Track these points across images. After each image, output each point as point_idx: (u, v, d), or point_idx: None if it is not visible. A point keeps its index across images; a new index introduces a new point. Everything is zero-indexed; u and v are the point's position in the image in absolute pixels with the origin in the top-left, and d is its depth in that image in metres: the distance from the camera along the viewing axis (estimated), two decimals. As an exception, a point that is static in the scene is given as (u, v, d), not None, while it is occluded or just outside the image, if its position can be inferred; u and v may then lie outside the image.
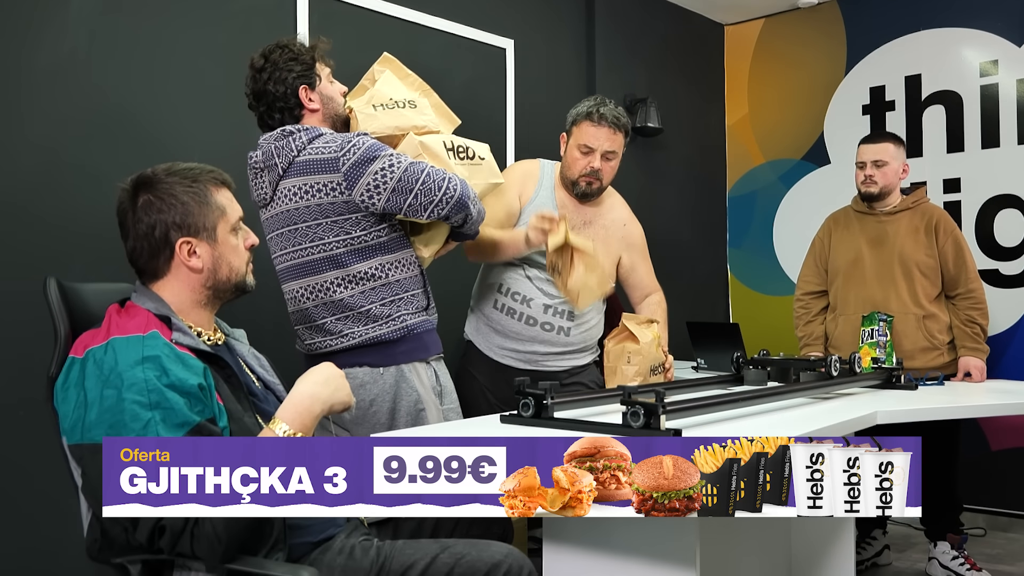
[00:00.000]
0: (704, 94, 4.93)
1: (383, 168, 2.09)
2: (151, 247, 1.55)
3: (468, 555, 1.53)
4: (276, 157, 2.15)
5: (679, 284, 4.63)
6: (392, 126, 2.26)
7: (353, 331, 2.17)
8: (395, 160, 2.11)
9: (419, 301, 2.24)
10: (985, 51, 4.11)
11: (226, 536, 1.35)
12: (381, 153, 2.11)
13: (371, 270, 2.17)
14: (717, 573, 2.02)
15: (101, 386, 1.39)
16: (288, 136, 2.15)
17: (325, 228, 2.13)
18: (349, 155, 2.09)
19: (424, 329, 2.23)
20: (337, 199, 2.11)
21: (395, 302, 2.18)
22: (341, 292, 2.16)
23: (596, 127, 2.69)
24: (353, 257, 2.15)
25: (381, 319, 2.17)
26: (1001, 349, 3.93)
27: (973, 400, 2.61)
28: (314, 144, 2.13)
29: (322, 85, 2.23)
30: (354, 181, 2.09)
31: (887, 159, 3.26)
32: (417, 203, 2.11)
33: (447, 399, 2.25)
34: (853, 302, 3.31)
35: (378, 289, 2.17)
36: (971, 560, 3.22)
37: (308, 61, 2.21)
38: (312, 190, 2.12)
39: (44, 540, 2.27)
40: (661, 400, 1.70)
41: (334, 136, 2.15)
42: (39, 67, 2.33)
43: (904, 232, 3.26)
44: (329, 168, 2.10)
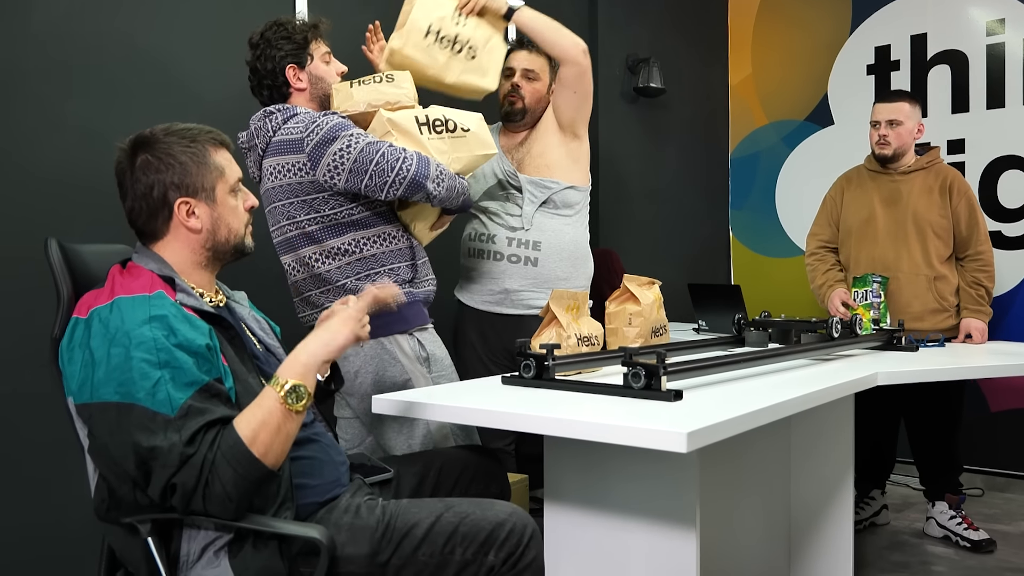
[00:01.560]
0: (707, 54, 4.88)
1: (341, 149, 2.12)
2: (149, 207, 1.54)
3: (472, 514, 1.55)
4: (257, 137, 2.22)
5: (680, 245, 4.63)
6: (364, 102, 2.25)
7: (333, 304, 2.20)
8: (353, 140, 2.12)
9: (401, 274, 2.26)
10: (992, 9, 4.06)
11: (236, 494, 1.37)
12: (341, 133, 2.13)
13: (345, 245, 2.20)
14: (716, 532, 2.04)
15: (108, 345, 1.39)
16: (268, 116, 2.20)
17: (297, 207, 2.18)
18: (312, 136, 2.13)
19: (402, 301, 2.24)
20: (304, 179, 2.16)
21: (370, 276, 2.21)
22: (319, 267, 2.21)
23: (516, 52, 2.86)
24: (327, 233, 2.20)
25: (356, 292, 2.19)
26: (1003, 311, 3.94)
27: (973, 361, 2.61)
28: (287, 124, 2.17)
29: (313, 65, 2.26)
30: (317, 161, 2.13)
31: (902, 119, 3.23)
32: (373, 184, 2.13)
33: (436, 366, 2.27)
34: (865, 262, 3.30)
35: (353, 264, 2.21)
36: (969, 520, 3.25)
37: (300, 40, 2.24)
38: (283, 170, 2.17)
39: (51, 501, 2.28)
40: (662, 361, 1.71)
41: (304, 116, 2.18)
42: (36, 24, 2.30)
43: (918, 192, 3.24)
44: (296, 149, 2.15)
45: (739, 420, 1.55)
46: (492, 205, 2.80)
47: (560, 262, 2.77)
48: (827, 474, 2.44)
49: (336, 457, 1.69)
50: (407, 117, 2.25)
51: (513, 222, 2.76)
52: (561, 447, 1.84)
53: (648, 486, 1.73)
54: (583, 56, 2.68)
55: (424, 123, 2.27)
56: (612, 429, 1.47)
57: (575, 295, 2.17)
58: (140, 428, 1.35)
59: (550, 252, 2.76)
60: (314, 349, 1.50)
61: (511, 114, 2.83)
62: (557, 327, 2.11)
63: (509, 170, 2.79)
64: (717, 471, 2.05)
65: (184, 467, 1.34)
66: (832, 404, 2.31)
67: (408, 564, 1.51)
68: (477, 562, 1.51)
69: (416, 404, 1.76)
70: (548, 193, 2.76)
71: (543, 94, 2.84)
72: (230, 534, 1.45)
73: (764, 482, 2.35)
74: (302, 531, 1.45)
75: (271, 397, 1.41)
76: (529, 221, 2.75)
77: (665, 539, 1.70)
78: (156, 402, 1.35)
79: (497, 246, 2.76)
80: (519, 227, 2.75)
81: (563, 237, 2.79)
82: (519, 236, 2.75)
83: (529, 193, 2.76)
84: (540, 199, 2.76)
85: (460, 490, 1.91)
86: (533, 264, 2.75)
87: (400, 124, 2.24)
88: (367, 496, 1.68)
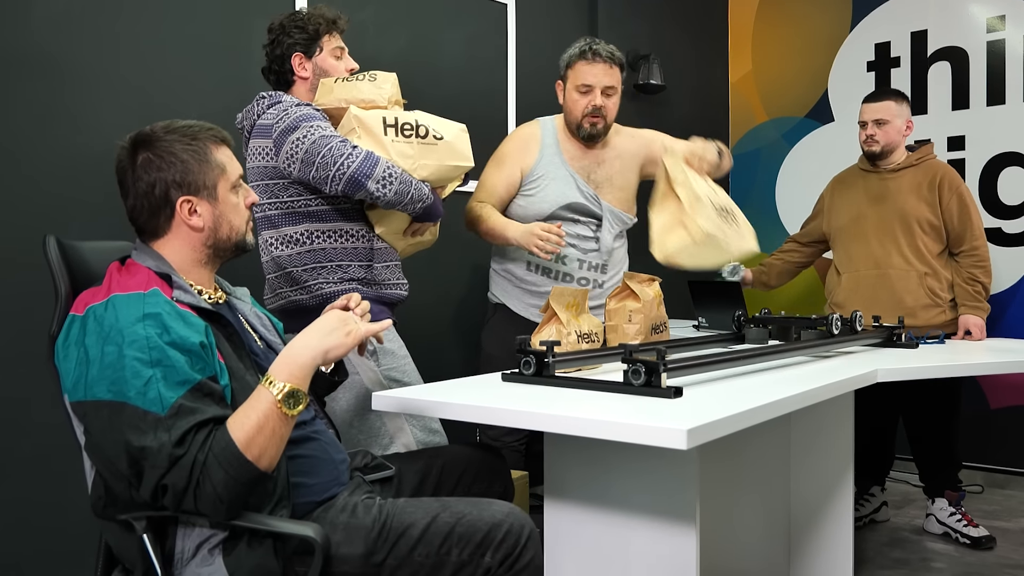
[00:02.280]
0: (707, 51, 4.88)
1: (299, 138, 2.13)
2: (151, 206, 1.54)
3: (469, 514, 1.54)
4: (245, 119, 2.27)
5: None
6: (340, 98, 2.25)
7: (283, 291, 2.27)
8: (310, 131, 2.13)
9: (350, 272, 2.25)
10: (992, 6, 4.05)
11: (227, 496, 1.36)
12: (303, 124, 2.14)
13: (297, 234, 2.22)
14: (716, 529, 2.04)
15: (102, 343, 1.39)
16: (258, 101, 2.25)
17: (261, 189, 2.22)
18: (280, 123, 2.16)
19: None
20: (269, 164, 2.20)
21: (316, 269, 2.23)
22: (275, 251, 2.25)
23: (591, 64, 2.68)
24: (284, 220, 2.23)
25: (300, 284, 2.24)
26: (1002, 308, 3.93)
27: (973, 358, 2.61)
28: (269, 110, 2.21)
29: (321, 56, 2.29)
30: (279, 148, 2.16)
31: (888, 117, 3.24)
32: (318, 176, 2.13)
33: (387, 359, 2.24)
34: (855, 259, 3.32)
35: (303, 254, 2.23)
36: (968, 516, 3.24)
37: (312, 31, 2.27)
38: (258, 153, 2.21)
39: (49, 498, 2.28)
40: (662, 358, 1.70)
41: (281, 103, 2.20)
42: (36, 20, 2.30)
43: (906, 189, 3.25)
44: (266, 134, 2.19)
45: (739, 417, 1.55)
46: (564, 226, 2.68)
47: (617, 278, 2.79)
48: (827, 471, 2.44)
49: (336, 455, 1.69)
50: (374, 117, 2.22)
51: (585, 244, 2.75)
52: (561, 444, 1.84)
53: (648, 483, 1.72)
54: None
55: (391, 125, 2.22)
56: (612, 426, 1.47)
57: (575, 292, 2.17)
58: (131, 427, 1.34)
59: (612, 273, 2.82)
60: (314, 354, 1.47)
61: (594, 136, 2.75)
62: (557, 324, 2.11)
63: (591, 194, 2.75)
64: (717, 468, 2.05)
65: (174, 468, 1.34)
66: (832, 401, 2.31)
67: (404, 564, 1.50)
68: (474, 563, 1.51)
69: (416, 401, 1.76)
70: (625, 227, 2.80)
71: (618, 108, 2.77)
72: (224, 532, 1.44)
73: (764, 479, 2.35)
74: (296, 529, 1.44)
75: (267, 400, 1.40)
76: (607, 252, 2.76)
77: (665, 535, 1.69)
78: (147, 401, 1.35)
79: (567, 268, 2.75)
80: (592, 250, 2.76)
81: (622, 257, 2.86)
82: (591, 259, 2.76)
83: (609, 223, 2.76)
84: (617, 231, 2.79)
85: (463, 488, 1.91)
86: (599, 286, 2.78)
87: (365, 122, 2.21)
88: (366, 495, 1.67)
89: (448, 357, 3.42)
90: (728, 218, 2.43)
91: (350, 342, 1.52)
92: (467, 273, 3.50)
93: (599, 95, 2.69)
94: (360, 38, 2.62)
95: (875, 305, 3.19)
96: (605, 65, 2.68)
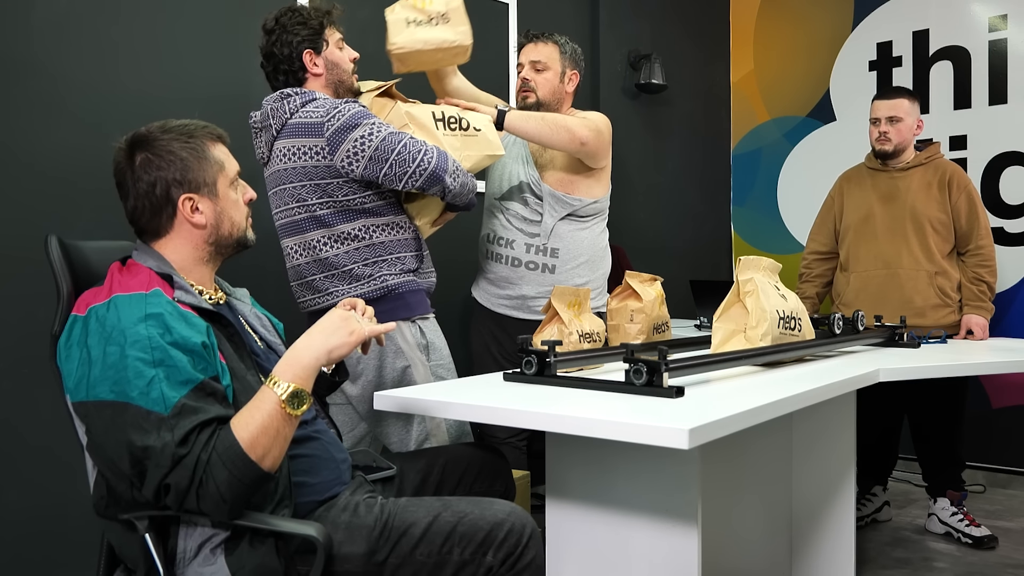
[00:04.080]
0: (709, 50, 4.87)
1: (363, 136, 2.13)
2: (152, 205, 1.54)
3: (470, 513, 1.54)
4: (272, 118, 2.22)
5: (682, 242, 4.62)
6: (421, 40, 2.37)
7: (338, 289, 2.23)
8: (375, 129, 2.15)
9: (407, 263, 2.28)
10: (994, 5, 4.05)
11: (230, 495, 1.36)
12: (364, 121, 2.15)
13: (355, 231, 2.22)
14: (718, 528, 2.04)
15: (104, 343, 1.39)
16: (285, 99, 2.20)
17: (309, 190, 2.19)
18: (333, 121, 2.14)
19: (407, 289, 2.27)
20: (320, 163, 2.16)
21: (377, 263, 2.23)
22: (327, 251, 2.22)
23: (526, 46, 2.82)
24: (337, 218, 2.21)
25: (363, 279, 2.23)
26: (1005, 307, 3.93)
27: (975, 358, 2.60)
28: (306, 108, 2.18)
29: (328, 50, 2.27)
30: (336, 147, 2.14)
31: (901, 115, 3.23)
32: (392, 173, 2.15)
33: (435, 355, 2.30)
34: (864, 258, 3.30)
35: (361, 250, 2.23)
36: (970, 516, 3.24)
37: (316, 26, 2.25)
38: (299, 152, 2.17)
39: (51, 498, 2.29)
40: (664, 358, 1.70)
41: (324, 101, 2.19)
42: (37, 20, 2.30)
43: (916, 188, 3.24)
44: (315, 132, 2.15)
45: (741, 417, 1.55)
46: (513, 207, 2.77)
47: (577, 268, 2.76)
48: (829, 470, 2.44)
49: (337, 455, 1.69)
50: (424, 112, 2.31)
51: (532, 228, 2.75)
52: (563, 443, 1.84)
53: (650, 482, 1.72)
54: (584, 146, 2.65)
55: (440, 119, 2.33)
56: (614, 425, 1.47)
57: (577, 291, 2.17)
58: (134, 427, 1.34)
59: (567, 258, 2.76)
60: (318, 355, 1.47)
61: (526, 108, 2.77)
62: (559, 323, 2.11)
63: (534, 177, 2.76)
64: (719, 467, 2.05)
65: (177, 467, 1.34)
66: (834, 401, 2.31)
67: (405, 564, 1.50)
68: (475, 562, 1.51)
69: (418, 401, 1.76)
70: (569, 209, 2.76)
71: (556, 84, 2.79)
72: (227, 531, 1.44)
73: (765, 478, 2.35)
74: (298, 529, 1.44)
75: (271, 401, 1.40)
76: (548, 235, 2.74)
77: (666, 535, 1.69)
78: (150, 401, 1.35)
79: (515, 252, 2.75)
80: (537, 234, 2.74)
81: (581, 243, 2.78)
82: (537, 243, 2.74)
83: (550, 206, 2.74)
84: (561, 213, 2.75)
85: (464, 487, 1.91)
86: (551, 271, 2.75)
87: (417, 118, 2.28)
88: (367, 494, 1.67)
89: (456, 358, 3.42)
90: None
91: (353, 341, 1.52)
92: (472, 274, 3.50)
93: (527, 69, 2.78)
94: (361, 38, 2.61)
95: (884, 305, 3.19)
96: (531, 44, 2.80)
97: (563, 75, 2.80)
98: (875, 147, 3.30)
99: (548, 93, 2.78)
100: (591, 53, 4.12)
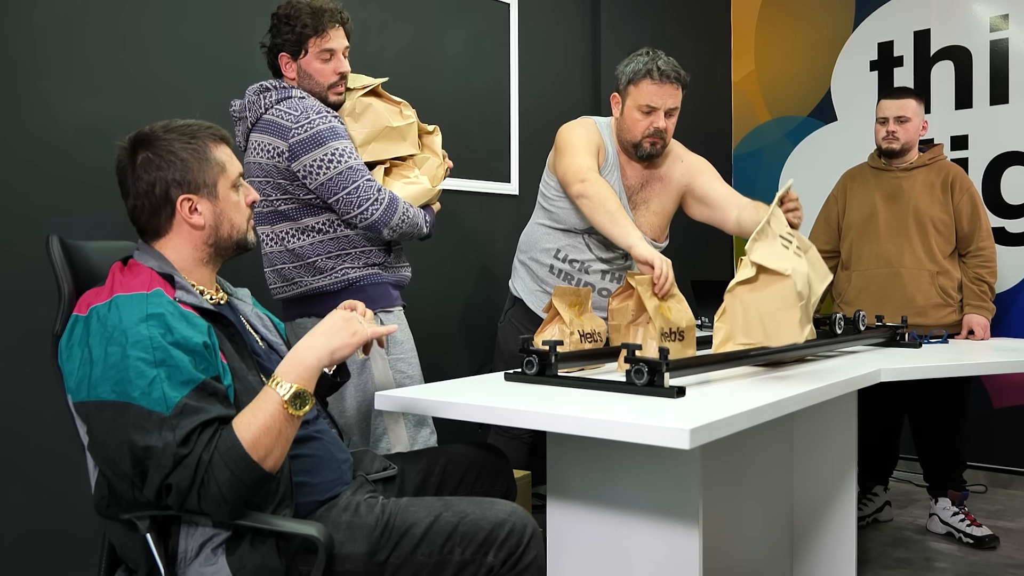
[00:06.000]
0: (710, 50, 4.87)
1: (323, 159, 2.16)
2: (152, 205, 1.54)
3: (471, 513, 1.54)
4: (248, 110, 2.25)
5: (683, 242, 4.61)
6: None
7: (303, 279, 2.27)
8: (337, 156, 2.17)
9: (372, 257, 2.30)
10: (995, 5, 4.05)
11: (232, 495, 1.36)
12: (329, 142, 2.16)
13: (319, 224, 2.25)
14: (719, 528, 2.04)
15: (105, 343, 1.39)
16: (263, 92, 2.23)
17: (271, 187, 2.23)
18: (300, 131, 2.16)
19: (370, 282, 2.29)
20: (280, 165, 2.19)
21: (340, 256, 2.26)
22: (293, 242, 2.26)
23: (658, 85, 2.54)
24: (301, 212, 2.24)
25: (325, 271, 2.26)
26: (1006, 307, 3.93)
27: (976, 358, 2.60)
28: (279, 106, 2.20)
29: (306, 59, 2.26)
30: (296, 156, 2.16)
31: (909, 115, 3.24)
32: (338, 206, 2.20)
33: (395, 349, 2.30)
34: (866, 257, 3.31)
35: (326, 243, 2.25)
36: (971, 516, 3.24)
37: (298, 34, 2.22)
38: (265, 149, 2.21)
39: (52, 498, 2.29)
40: (665, 358, 1.70)
41: (298, 104, 2.19)
42: (38, 19, 2.30)
43: (920, 188, 3.24)
44: (281, 134, 2.18)
45: (742, 417, 1.55)
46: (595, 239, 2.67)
47: None
48: (830, 470, 2.44)
49: (338, 455, 1.69)
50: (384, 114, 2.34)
51: (607, 254, 2.69)
52: (564, 443, 1.84)
53: (651, 482, 1.72)
54: None
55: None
56: (615, 426, 1.47)
57: (578, 291, 2.16)
58: (135, 427, 1.34)
59: None
60: (320, 355, 1.47)
61: (653, 156, 2.66)
62: (560, 324, 2.11)
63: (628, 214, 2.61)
64: (720, 468, 2.05)
65: (178, 467, 1.34)
66: (835, 401, 2.31)
67: (406, 564, 1.50)
68: (476, 562, 1.51)
69: (418, 401, 1.76)
70: None
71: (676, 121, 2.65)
72: (228, 531, 1.44)
73: (767, 478, 2.35)
74: (300, 529, 1.44)
75: (273, 401, 1.40)
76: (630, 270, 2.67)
77: (668, 535, 1.69)
78: (151, 401, 1.35)
79: (590, 277, 2.70)
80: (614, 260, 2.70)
81: None
82: (613, 271, 2.71)
83: None
84: None
85: (465, 487, 1.90)
86: None
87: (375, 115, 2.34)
88: (368, 494, 1.67)
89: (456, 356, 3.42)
90: None
91: (355, 342, 1.52)
92: (475, 274, 3.51)
93: (663, 117, 2.57)
94: (362, 38, 2.61)
95: (886, 304, 3.19)
96: (672, 86, 2.55)
97: None
98: (882, 146, 3.30)
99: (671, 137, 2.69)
100: (592, 53, 4.12)
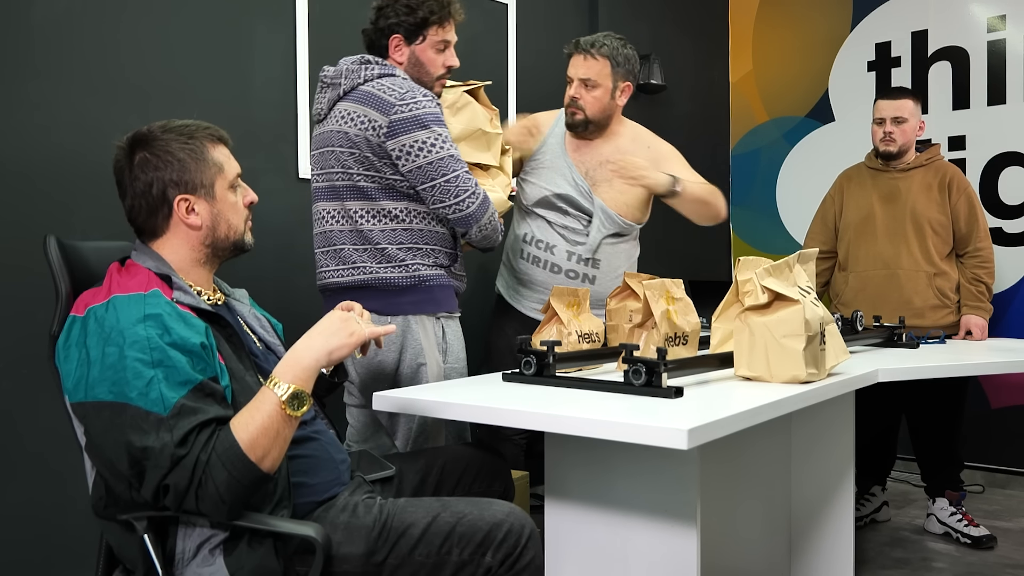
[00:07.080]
0: (708, 50, 4.87)
1: (425, 142, 2.07)
2: (149, 205, 1.54)
3: (469, 514, 1.54)
4: (343, 77, 2.15)
5: (681, 242, 4.62)
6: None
7: (366, 265, 2.15)
8: (440, 142, 2.09)
9: (440, 258, 2.21)
10: (993, 6, 4.05)
11: (229, 496, 1.36)
12: (433, 127, 2.09)
13: (396, 211, 2.15)
14: (717, 529, 2.04)
15: (103, 344, 1.39)
16: (364, 64, 2.15)
17: (356, 159, 2.12)
18: (404, 108, 2.07)
19: (438, 283, 2.20)
20: (374, 139, 2.10)
21: (412, 250, 2.16)
22: (363, 223, 2.15)
23: (573, 56, 2.69)
24: (381, 194, 2.14)
25: (395, 261, 2.15)
26: (1003, 307, 3.93)
27: (974, 358, 2.61)
28: (382, 80, 2.12)
29: (421, 46, 2.22)
30: (394, 133, 2.07)
31: (906, 116, 3.24)
32: (429, 193, 2.12)
33: (451, 358, 2.24)
34: (863, 259, 3.31)
35: (399, 232, 2.15)
36: (969, 516, 3.24)
37: (419, 18, 2.19)
38: (359, 120, 2.10)
39: (50, 498, 2.28)
40: (663, 358, 1.70)
41: (404, 82, 2.12)
42: (36, 20, 2.30)
43: (917, 189, 3.24)
44: (382, 108, 2.08)
45: (740, 417, 1.55)
46: (551, 215, 2.71)
47: (616, 279, 2.72)
48: (828, 471, 2.44)
49: (336, 455, 1.69)
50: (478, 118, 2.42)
51: (575, 237, 2.70)
52: (562, 444, 1.84)
53: (649, 483, 1.72)
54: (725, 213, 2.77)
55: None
56: (613, 426, 1.47)
57: (576, 292, 2.16)
58: (133, 428, 1.34)
59: (608, 270, 2.73)
60: (318, 356, 1.47)
61: (573, 125, 2.72)
62: (558, 324, 2.11)
63: (584, 188, 2.70)
64: (718, 468, 2.05)
65: (176, 468, 1.34)
66: (833, 401, 2.31)
67: (404, 564, 1.50)
68: (474, 563, 1.51)
69: (416, 401, 1.76)
70: (618, 229, 2.72)
71: (606, 102, 2.70)
72: (225, 532, 1.44)
73: (765, 478, 2.35)
74: (297, 529, 1.44)
75: (271, 402, 1.40)
76: (592, 249, 2.69)
77: (666, 535, 1.69)
78: (149, 401, 1.35)
79: (556, 258, 2.70)
80: (581, 243, 2.70)
81: (619, 255, 2.76)
82: (580, 252, 2.70)
83: (600, 222, 2.69)
84: (610, 231, 2.71)
85: (463, 488, 1.90)
86: (591, 282, 2.71)
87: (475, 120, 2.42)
88: (366, 494, 1.67)
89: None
90: None
91: (353, 343, 1.52)
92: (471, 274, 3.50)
93: (576, 86, 2.68)
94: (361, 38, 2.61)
95: (883, 305, 3.19)
96: (581, 56, 2.67)
97: (614, 91, 2.71)
98: (879, 147, 3.30)
99: (598, 112, 2.70)
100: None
